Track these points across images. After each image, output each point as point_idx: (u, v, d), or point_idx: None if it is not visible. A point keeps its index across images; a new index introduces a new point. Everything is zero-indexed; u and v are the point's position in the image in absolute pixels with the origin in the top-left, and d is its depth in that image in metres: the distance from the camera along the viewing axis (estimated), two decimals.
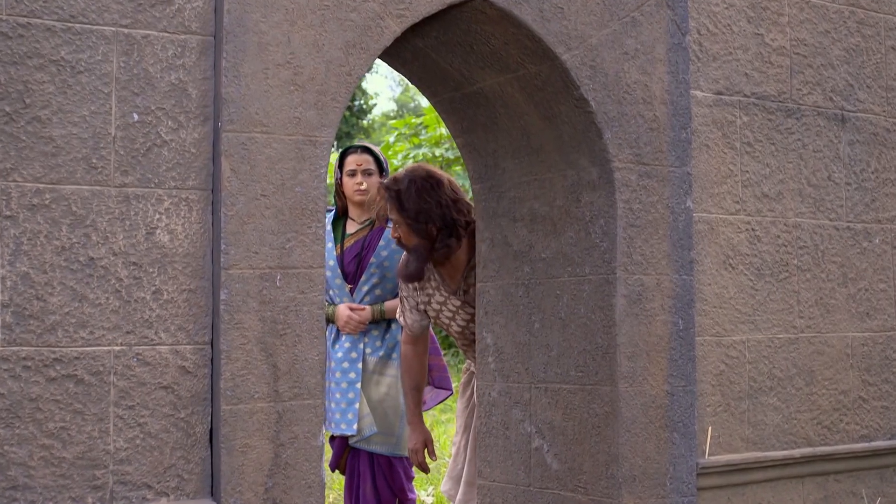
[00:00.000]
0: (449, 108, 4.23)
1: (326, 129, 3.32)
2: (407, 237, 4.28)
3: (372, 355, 4.98)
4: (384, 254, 4.95)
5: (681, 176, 3.85)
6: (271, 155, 3.21)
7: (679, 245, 3.81)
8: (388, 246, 4.93)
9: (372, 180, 5.05)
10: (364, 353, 4.97)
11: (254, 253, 3.18)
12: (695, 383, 3.81)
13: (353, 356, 4.97)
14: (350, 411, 4.91)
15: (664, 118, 3.83)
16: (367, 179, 5.04)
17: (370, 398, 4.96)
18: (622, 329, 3.66)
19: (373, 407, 4.95)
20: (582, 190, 3.80)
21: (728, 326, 4.04)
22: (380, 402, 4.97)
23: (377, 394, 4.97)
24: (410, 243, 4.26)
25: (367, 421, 4.91)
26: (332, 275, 4.99)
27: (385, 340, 4.98)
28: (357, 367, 4.94)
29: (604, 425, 3.69)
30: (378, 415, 4.95)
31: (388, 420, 4.95)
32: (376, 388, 4.97)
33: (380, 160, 5.10)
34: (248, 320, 3.16)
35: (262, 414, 3.17)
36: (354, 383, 4.92)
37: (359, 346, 4.98)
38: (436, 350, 5.09)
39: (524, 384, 4.00)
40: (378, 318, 4.97)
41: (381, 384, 4.96)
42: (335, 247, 5.04)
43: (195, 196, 3.18)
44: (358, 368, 4.94)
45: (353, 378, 4.93)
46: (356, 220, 5.11)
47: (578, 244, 3.80)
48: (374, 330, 5.00)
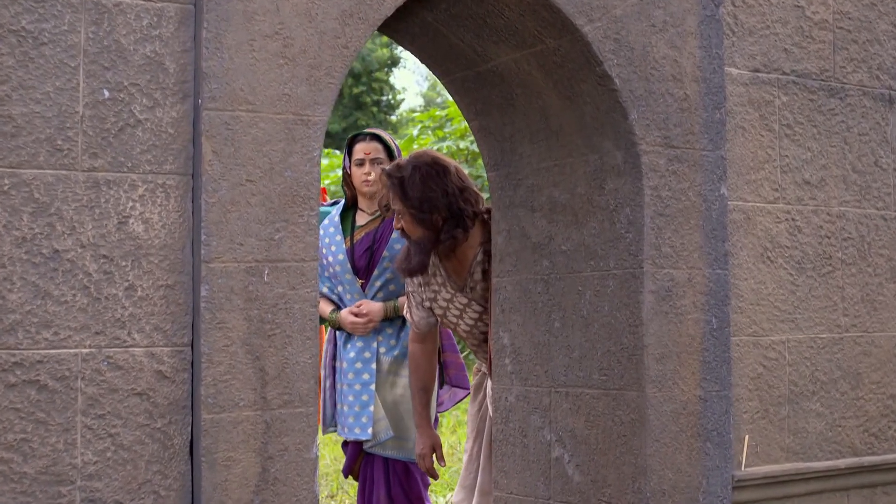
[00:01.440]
0: (461, 88, 4.01)
1: (320, 107, 3.07)
2: (411, 228, 4.12)
3: (386, 355, 4.81)
4: (397, 247, 4.74)
5: (714, 160, 3.63)
6: (258, 136, 2.98)
7: (712, 236, 3.61)
8: (402, 238, 4.62)
9: (380, 170, 4.78)
10: (378, 353, 4.81)
11: (238, 244, 2.96)
12: (730, 388, 3.63)
13: (367, 356, 4.80)
14: (364, 414, 4.74)
15: (696, 97, 3.61)
16: (376, 169, 4.84)
17: (385, 400, 4.80)
18: (650, 328, 3.47)
19: (387, 410, 4.79)
20: (606, 176, 3.60)
21: (766, 325, 3.87)
22: (395, 404, 4.80)
23: (392, 396, 4.81)
24: (414, 234, 4.11)
25: (383, 425, 4.74)
26: (342, 269, 4.84)
27: (400, 339, 4.81)
28: (371, 367, 4.77)
29: (630, 434, 3.51)
30: (393, 418, 4.79)
31: (403, 424, 4.77)
32: (391, 389, 4.81)
33: (390, 148, 4.91)
34: (233, 319, 2.94)
35: (247, 423, 2.95)
36: (368, 385, 4.75)
37: (372, 345, 4.80)
38: (452, 347, 4.94)
39: (543, 388, 3.81)
40: (392, 316, 4.80)
41: (397, 385, 4.79)
42: (344, 240, 4.88)
43: (173, 181, 2.95)
44: (372, 369, 4.77)
45: (367, 379, 4.76)
46: (366, 210, 4.94)
47: (602, 235, 3.60)
48: (388, 328, 4.83)
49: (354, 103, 27.05)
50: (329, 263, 4.84)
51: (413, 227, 4.11)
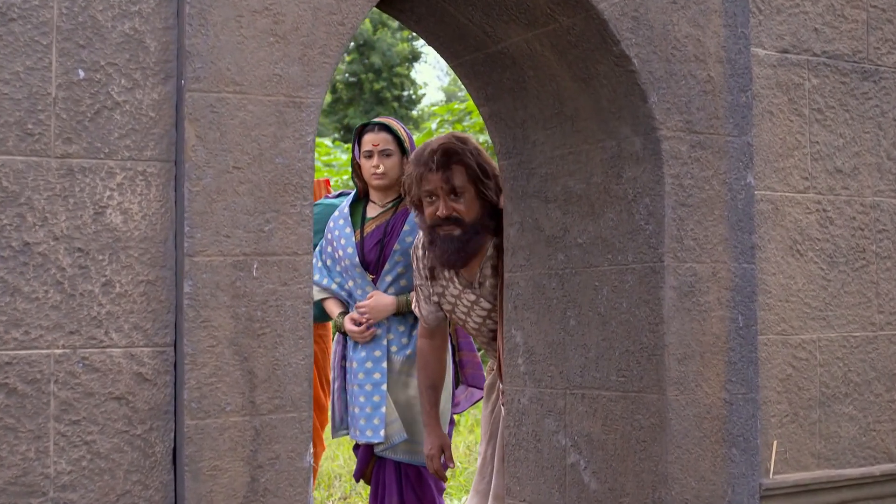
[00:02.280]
0: (471, 71, 3.85)
1: (314, 88, 2.90)
2: (470, 207, 3.90)
3: (398, 354, 4.67)
4: (409, 240, 4.60)
5: (740, 147, 3.48)
6: (246, 119, 2.81)
7: (738, 228, 3.47)
8: (414, 231, 4.57)
9: (390, 162, 4.71)
10: (389, 352, 4.66)
11: (225, 237, 2.79)
12: (757, 390, 3.50)
13: (377, 355, 4.65)
14: (376, 416, 4.59)
15: (720, 79, 3.45)
16: (385, 161, 4.70)
17: (397, 401, 4.66)
18: (671, 326, 3.33)
19: (400, 411, 4.65)
20: (624, 164, 3.45)
21: (796, 323, 3.73)
22: (408, 406, 4.66)
23: (405, 397, 4.67)
24: (470, 216, 3.90)
25: (396, 427, 4.61)
26: (351, 263, 4.70)
27: (412, 338, 4.65)
28: (382, 366, 4.62)
29: (650, 439, 3.37)
30: (406, 420, 4.65)
31: (416, 426, 4.62)
32: (404, 390, 4.67)
33: (400, 138, 4.74)
34: (219, 318, 2.78)
35: (235, 430, 2.79)
36: (380, 385, 4.61)
37: (382, 343, 4.65)
38: (469, 345, 4.82)
39: (558, 390, 3.67)
40: (405, 310, 4.64)
41: (409, 386, 4.65)
42: (354, 233, 4.73)
43: (154, 169, 2.78)
44: (383, 368, 4.62)
45: (378, 379, 4.62)
46: (378, 203, 4.79)
47: (620, 227, 3.46)
48: (400, 325, 4.68)
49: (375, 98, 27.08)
50: (340, 258, 4.73)
51: (472, 207, 3.91)
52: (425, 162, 3.91)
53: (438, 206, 3.89)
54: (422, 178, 3.90)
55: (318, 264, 4.80)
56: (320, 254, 4.82)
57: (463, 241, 3.90)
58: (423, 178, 3.90)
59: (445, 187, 3.89)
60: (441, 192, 3.89)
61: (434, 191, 3.90)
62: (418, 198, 3.95)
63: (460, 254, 3.91)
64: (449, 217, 3.89)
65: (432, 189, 3.89)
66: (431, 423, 4.35)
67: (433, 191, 3.90)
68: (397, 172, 4.67)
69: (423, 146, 4.00)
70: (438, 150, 3.92)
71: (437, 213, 3.89)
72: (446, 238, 3.90)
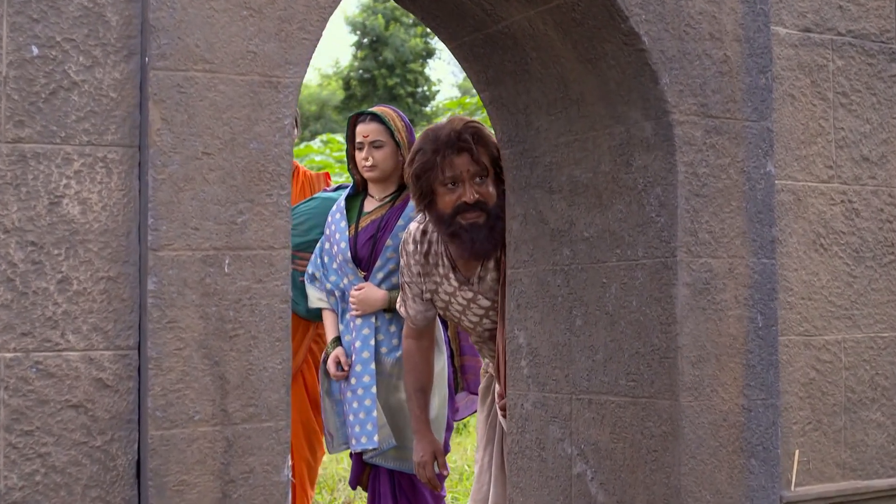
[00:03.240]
0: (470, 54, 3.68)
1: (292, 67, 2.72)
2: (491, 192, 3.74)
3: (388, 355, 4.55)
4: (402, 235, 4.38)
5: (759, 133, 3.35)
6: (217, 100, 2.65)
7: (757, 220, 3.35)
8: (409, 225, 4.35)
9: (381, 154, 4.61)
10: (379, 353, 4.54)
11: (193, 229, 2.63)
12: (778, 395, 3.39)
13: (366, 356, 4.52)
14: (369, 421, 4.48)
15: (737, 59, 3.31)
16: (375, 153, 4.60)
17: (387, 406, 4.55)
18: (685, 327, 3.22)
19: (389, 416, 4.54)
20: (633, 151, 3.32)
21: (819, 323, 3.63)
22: (398, 410, 4.55)
23: (395, 401, 4.56)
24: (492, 200, 3.74)
25: (385, 432, 4.50)
26: (344, 259, 4.60)
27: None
28: (370, 368, 4.50)
29: (662, 449, 3.25)
30: (396, 426, 4.54)
31: (407, 433, 4.50)
32: (394, 394, 4.56)
33: (392, 129, 4.61)
34: (187, 318, 2.62)
35: (204, 441, 2.63)
36: (370, 388, 4.49)
37: (370, 342, 4.52)
38: (471, 350, 4.67)
39: (563, 395, 3.55)
40: (394, 308, 4.48)
41: (400, 389, 4.52)
42: (349, 227, 4.63)
43: (116, 154, 2.62)
44: (371, 370, 4.50)
45: (368, 382, 4.50)
46: (375, 196, 4.69)
47: (629, 220, 3.35)
48: (391, 325, 4.56)
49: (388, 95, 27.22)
50: (335, 254, 4.63)
51: (494, 190, 3.75)
52: (449, 144, 3.71)
53: (462, 193, 3.69)
54: (444, 163, 3.69)
55: (316, 261, 4.71)
56: (320, 251, 4.72)
57: (489, 228, 3.72)
58: (445, 163, 3.69)
59: (472, 170, 3.70)
60: (466, 176, 3.70)
61: (459, 176, 3.70)
62: (431, 187, 3.73)
63: (490, 241, 3.74)
64: (476, 203, 3.71)
65: (458, 174, 3.69)
66: (422, 428, 4.21)
67: (458, 176, 3.70)
68: (390, 164, 4.58)
69: (435, 130, 3.81)
70: (465, 131, 3.73)
71: (464, 199, 3.68)
72: (472, 227, 3.71)
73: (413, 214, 4.37)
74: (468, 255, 3.78)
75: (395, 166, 4.54)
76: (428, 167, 3.69)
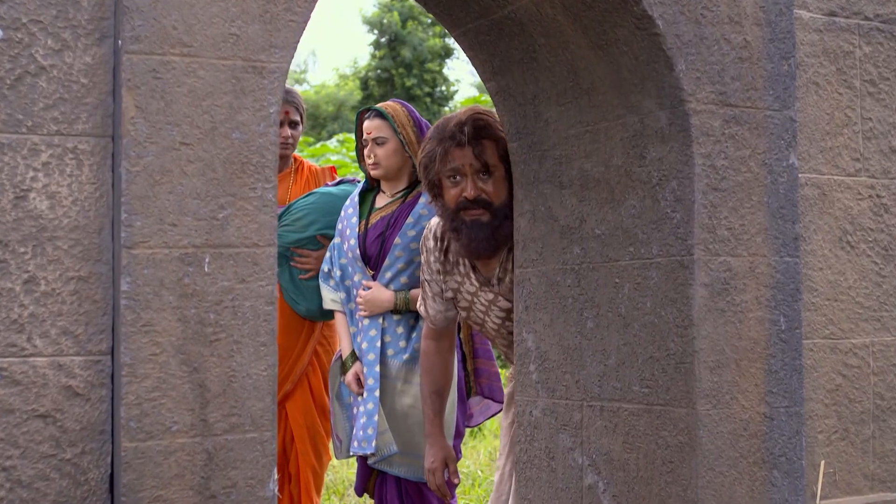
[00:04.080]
0: (475, 41, 3.57)
1: (278, 51, 2.59)
2: (499, 190, 3.63)
3: (394, 358, 4.45)
4: (411, 233, 4.40)
5: (782, 122, 3.26)
6: (196, 86, 2.53)
7: (780, 216, 3.27)
8: (418, 223, 4.39)
9: (383, 150, 4.52)
10: (385, 355, 4.44)
11: (171, 225, 2.51)
12: (802, 403, 3.30)
13: (371, 358, 4.43)
14: (370, 425, 4.38)
15: (758, 44, 3.20)
16: (378, 150, 4.53)
17: (393, 411, 4.44)
18: (702, 330, 3.14)
19: (395, 422, 4.44)
20: (647, 142, 3.23)
21: (846, 325, 3.56)
22: (403, 416, 4.45)
23: (401, 406, 4.45)
24: (499, 199, 3.64)
25: (386, 438, 4.40)
26: (353, 257, 4.53)
27: (411, 340, 4.43)
28: (374, 370, 4.41)
29: (678, 459, 3.15)
30: (402, 431, 4.44)
31: (414, 439, 4.41)
32: (400, 398, 4.45)
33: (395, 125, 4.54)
34: (163, 321, 2.50)
35: (183, 453, 2.50)
36: (373, 391, 4.40)
37: (376, 345, 4.43)
38: (487, 353, 4.63)
39: (574, 401, 3.46)
40: (402, 308, 4.43)
41: (406, 394, 4.43)
42: (359, 224, 4.56)
43: (86, 145, 2.50)
44: (376, 373, 4.40)
45: (371, 385, 4.40)
46: (387, 192, 4.61)
47: (643, 216, 3.26)
48: (398, 327, 4.45)
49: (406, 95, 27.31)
50: (345, 251, 4.58)
51: (501, 189, 3.65)
52: (451, 135, 3.63)
53: (464, 187, 3.60)
54: (446, 155, 3.61)
55: (328, 256, 4.66)
56: (333, 247, 4.67)
57: (492, 228, 3.63)
58: (447, 155, 3.61)
59: (475, 165, 3.60)
60: (469, 171, 3.61)
61: (460, 169, 3.61)
62: (438, 178, 3.66)
63: (490, 242, 3.65)
64: (477, 199, 3.62)
65: (458, 167, 3.61)
66: (435, 432, 4.09)
67: (459, 169, 3.61)
68: (394, 161, 4.50)
69: (446, 119, 3.73)
70: (467, 122, 3.64)
71: (464, 194, 3.60)
72: (473, 224, 3.63)
73: (424, 212, 4.32)
74: (465, 253, 3.71)
75: (401, 163, 4.48)
76: (432, 157, 3.64)
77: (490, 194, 3.59)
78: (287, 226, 4.72)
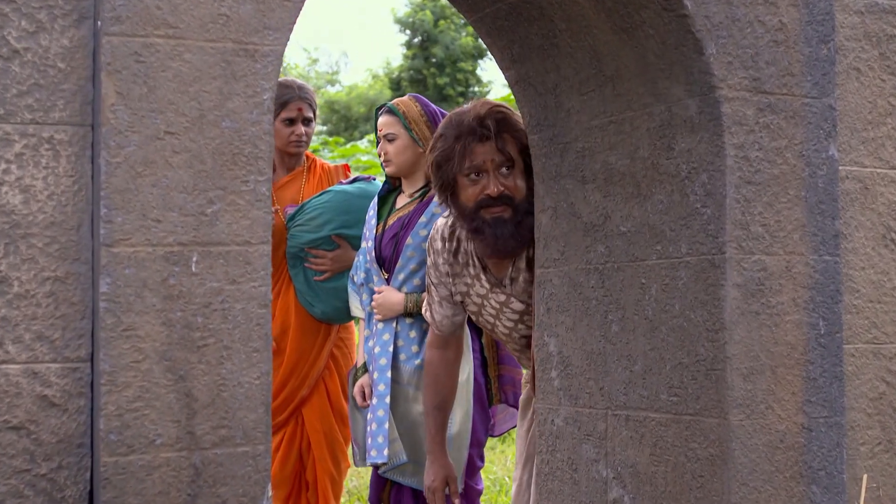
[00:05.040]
0: (493, 27, 3.47)
1: (272, 33, 2.47)
2: (519, 185, 3.53)
3: (407, 363, 4.36)
4: (423, 232, 4.30)
5: (820, 111, 3.16)
6: (183, 71, 2.42)
7: (818, 211, 3.17)
8: (430, 223, 4.29)
9: (393, 147, 4.48)
10: (397, 360, 4.37)
11: (154, 221, 2.40)
12: (843, 412, 3.20)
13: (383, 363, 4.35)
14: (381, 433, 4.31)
15: (795, 26, 3.09)
16: (389, 147, 4.49)
17: (404, 418, 4.36)
18: (735, 334, 3.04)
19: (406, 429, 4.37)
20: (675, 133, 3.13)
21: (890, 329, 3.46)
22: (415, 424, 4.37)
23: (413, 413, 4.36)
24: (520, 194, 3.54)
25: (396, 447, 4.33)
26: (370, 258, 4.48)
27: (423, 345, 4.31)
28: (386, 376, 4.33)
29: (708, 474, 3.05)
30: (413, 440, 4.36)
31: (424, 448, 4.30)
32: (412, 405, 4.37)
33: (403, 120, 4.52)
34: (146, 325, 2.38)
35: (168, 469, 2.39)
36: (384, 397, 4.32)
37: (388, 348, 4.35)
38: (512, 359, 4.54)
39: (598, 410, 3.37)
40: (412, 311, 4.35)
41: (419, 401, 4.34)
42: (377, 225, 4.52)
43: (64, 135, 2.38)
44: (387, 378, 4.33)
45: (382, 391, 4.33)
46: (406, 192, 4.55)
47: (671, 212, 3.17)
48: (411, 330, 4.36)
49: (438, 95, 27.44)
50: (365, 252, 4.54)
51: (521, 184, 3.55)
52: (471, 130, 3.51)
53: (486, 185, 3.49)
54: (465, 151, 3.50)
55: (357, 261, 4.61)
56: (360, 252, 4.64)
57: (515, 224, 3.54)
58: (467, 151, 3.50)
59: (497, 160, 3.50)
60: (490, 167, 3.50)
61: (482, 166, 3.50)
62: (454, 177, 3.54)
63: (515, 239, 3.55)
64: (500, 196, 3.52)
65: (479, 164, 3.50)
66: (436, 449, 4.00)
67: (480, 166, 3.50)
68: (404, 158, 4.44)
69: (458, 114, 3.61)
70: (488, 116, 3.52)
71: (487, 191, 3.49)
72: (496, 222, 3.52)
73: (437, 210, 4.21)
74: (490, 252, 3.60)
75: (413, 159, 4.42)
76: (449, 156, 3.51)
77: (511, 189, 3.50)
78: (301, 226, 4.68)
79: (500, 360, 4.47)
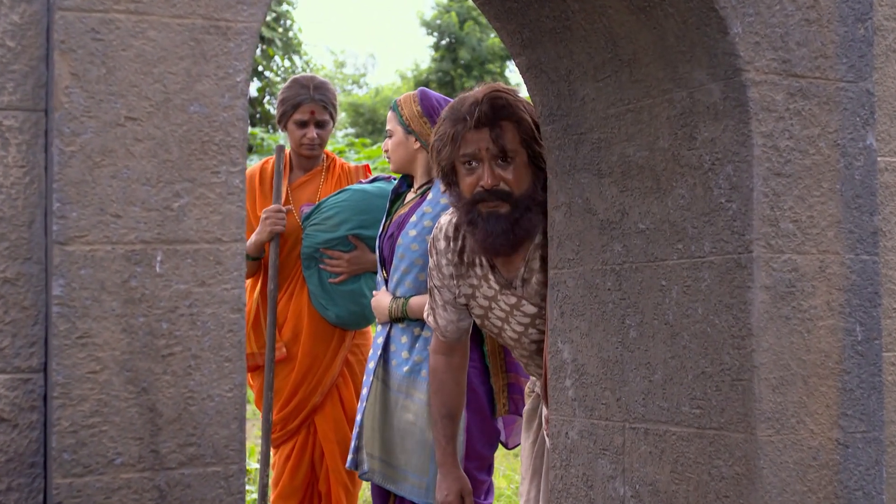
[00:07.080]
0: (502, 10, 3.34)
1: (246, 8, 2.30)
2: (520, 178, 3.38)
3: (397, 368, 4.29)
4: (412, 232, 4.23)
5: (857, 96, 3.01)
6: (145, 50, 2.25)
7: (855, 206, 3.03)
8: (420, 222, 4.22)
9: (391, 143, 4.50)
10: (388, 365, 4.33)
11: (114, 217, 2.22)
12: (882, 427, 3.04)
13: (370, 366, 4.37)
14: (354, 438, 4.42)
15: (829, 4, 2.96)
16: (388, 142, 4.52)
17: (392, 426, 4.28)
18: (763, 341, 2.90)
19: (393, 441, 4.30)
20: (698, 121, 2.99)
21: None
22: (403, 435, 4.28)
23: (401, 422, 4.26)
24: (520, 188, 3.40)
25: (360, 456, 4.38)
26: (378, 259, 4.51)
27: (414, 350, 4.25)
28: (369, 380, 4.35)
29: (734, 494, 2.90)
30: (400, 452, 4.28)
31: (414, 459, 4.27)
32: (401, 413, 4.28)
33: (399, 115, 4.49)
34: (105, 331, 2.21)
35: (129, 491, 2.21)
36: (362, 401, 4.38)
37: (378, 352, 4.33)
38: (519, 367, 4.45)
39: (615, 422, 3.23)
40: (397, 317, 4.28)
41: (408, 410, 4.26)
42: (384, 224, 4.50)
43: (14, 121, 2.21)
44: (368, 382, 4.35)
45: (363, 394, 4.39)
46: (414, 187, 4.53)
47: (693, 207, 3.03)
48: (403, 336, 4.29)
49: None
50: None
51: (522, 176, 3.39)
52: (464, 116, 3.38)
53: (480, 175, 3.36)
54: (457, 138, 3.37)
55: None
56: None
57: (511, 222, 3.40)
58: (459, 138, 3.37)
59: (492, 149, 3.35)
60: (485, 156, 3.36)
61: (476, 154, 3.36)
62: (452, 164, 3.41)
63: (508, 237, 3.41)
64: (494, 189, 3.38)
65: (473, 152, 3.36)
66: (448, 461, 3.85)
67: (475, 154, 3.36)
68: (400, 153, 4.40)
69: (462, 98, 3.48)
70: (484, 102, 3.36)
71: (480, 183, 3.36)
72: (491, 217, 3.39)
73: (427, 209, 4.14)
74: (479, 249, 3.47)
75: (407, 156, 4.37)
76: (444, 141, 3.40)
77: (509, 183, 3.35)
78: (316, 225, 4.62)
79: (507, 369, 4.39)
